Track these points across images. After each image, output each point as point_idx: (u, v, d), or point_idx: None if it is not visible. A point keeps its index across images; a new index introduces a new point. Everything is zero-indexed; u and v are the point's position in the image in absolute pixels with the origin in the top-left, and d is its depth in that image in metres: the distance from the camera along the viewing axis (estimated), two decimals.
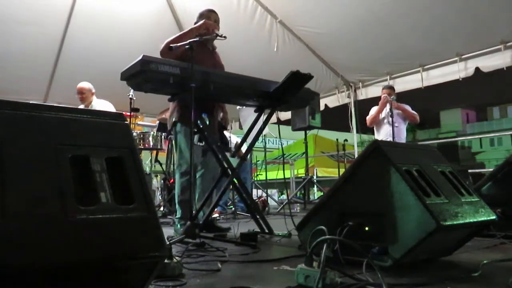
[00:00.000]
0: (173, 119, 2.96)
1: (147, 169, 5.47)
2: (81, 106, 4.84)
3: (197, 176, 3.07)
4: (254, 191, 6.33)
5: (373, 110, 5.06)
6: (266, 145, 6.35)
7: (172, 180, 4.93)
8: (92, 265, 0.90)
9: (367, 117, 5.09)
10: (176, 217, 2.99)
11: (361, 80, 6.15)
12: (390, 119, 4.69)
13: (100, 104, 4.81)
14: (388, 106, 4.77)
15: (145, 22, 5.72)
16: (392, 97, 4.85)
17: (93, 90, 4.86)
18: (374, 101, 5.76)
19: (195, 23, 3.09)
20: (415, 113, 4.95)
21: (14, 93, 5.73)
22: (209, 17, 3.07)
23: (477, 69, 4.77)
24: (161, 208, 4.91)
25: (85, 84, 4.82)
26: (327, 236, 1.26)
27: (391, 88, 5.05)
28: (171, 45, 2.66)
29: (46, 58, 5.84)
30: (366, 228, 1.66)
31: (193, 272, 1.59)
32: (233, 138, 4.95)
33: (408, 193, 1.57)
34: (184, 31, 3.01)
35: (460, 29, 4.56)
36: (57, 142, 0.98)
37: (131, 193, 1.03)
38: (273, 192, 7.93)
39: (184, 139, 2.89)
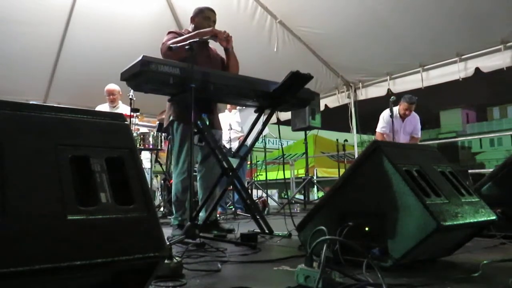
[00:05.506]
0: (170, 118, 2.94)
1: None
2: (106, 108, 4.98)
3: (198, 177, 3.07)
4: (254, 191, 6.33)
5: (383, 118, 5.04)
6: (266, 145, 6.36)
7: (172, 181, 4.92)
8: (91, 265, 0.90)
9: (377, 130, 5.11)
10: (173, 217, 3.00)
11: (361, 81, 6.15)
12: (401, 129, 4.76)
13: (123, 108, 5.03)
14: (394, 111, 4.77)
15: (145, 22, 5.72)
16: (392, 97, 4.85)
17: (121, 92, 5.08)
18: (374, 101, 5.76)
19: (192, 18, 3.08)
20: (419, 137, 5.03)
21: (14, 93, 5.74)
22: (209, 16, 3.05)
23: (477, 69, 4.78)
24: (161, 209, 4.90)
25: (115, 86, 5.03)
26: (327, 237, 1.26)
27: (413, 103, 4.96)
28: (171, 45, 2.66)
29: (46, 58, 5.84)
30: (366, 228, 1.66)
31: (193, 273, 1.59)
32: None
33: (408, 193, 1.56)
34: (190, 34, 2.87)
35: (460, 29, 4.56)
36: (57, 142, 0.98)
37: (131, 193, 1.02)
38: (273, 192, 7.92)
39: (181, 138, 2.88)
